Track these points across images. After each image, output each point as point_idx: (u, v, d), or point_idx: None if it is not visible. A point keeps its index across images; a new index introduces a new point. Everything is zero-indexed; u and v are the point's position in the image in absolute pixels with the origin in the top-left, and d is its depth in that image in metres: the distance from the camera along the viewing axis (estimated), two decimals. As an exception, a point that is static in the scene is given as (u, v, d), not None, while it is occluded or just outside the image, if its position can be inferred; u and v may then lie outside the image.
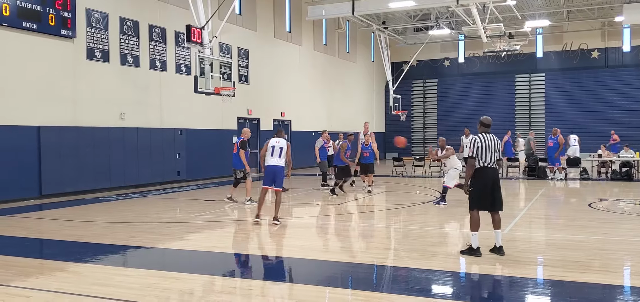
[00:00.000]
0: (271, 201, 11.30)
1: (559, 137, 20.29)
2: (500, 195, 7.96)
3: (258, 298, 6.09)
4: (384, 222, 11.58)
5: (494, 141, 7.90)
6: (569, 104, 34.72)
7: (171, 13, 20.01)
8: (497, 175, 8.03)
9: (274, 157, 10.60)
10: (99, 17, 17.22)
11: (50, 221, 11.85)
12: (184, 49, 20.50)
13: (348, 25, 34.04)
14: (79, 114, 16.66)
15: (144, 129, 18.72)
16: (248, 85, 24.44)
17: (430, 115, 39.26)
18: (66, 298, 6.04)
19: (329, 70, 32.01)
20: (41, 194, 15.42)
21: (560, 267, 7.25)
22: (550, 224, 11.68)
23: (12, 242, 9.58)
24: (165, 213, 12.88)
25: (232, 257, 8.51)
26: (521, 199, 15.49)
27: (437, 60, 38.38)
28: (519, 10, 28.93)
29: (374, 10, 26.45)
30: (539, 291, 6.52)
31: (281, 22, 27.32)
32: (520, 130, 36.00)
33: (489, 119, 8.05)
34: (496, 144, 7.93)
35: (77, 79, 16.60)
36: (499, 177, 8.08)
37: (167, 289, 6.42)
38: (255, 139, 24.24)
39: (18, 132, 14.87)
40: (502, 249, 7.81)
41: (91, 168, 16.80)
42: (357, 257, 8.18)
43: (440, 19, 30.73)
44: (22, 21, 14.83)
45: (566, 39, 34.64)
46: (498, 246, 7.84)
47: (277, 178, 10.63)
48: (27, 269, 7.45)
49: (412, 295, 6.11)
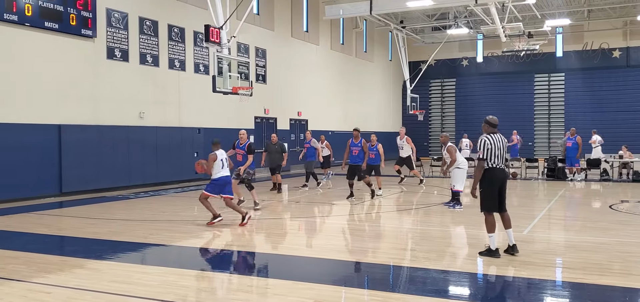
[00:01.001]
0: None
1: (577, 137, 20.06)
2: (505, 195, 7.95)
3: (274, 297, 6.10)
4: (400, 222, 11.54)
5: (502, 141, 7.85)
6: (589, 104, 34.28)
7: (190, 13, 20.15)
8: (506, 175, 7.99)
9: (224, 169, 10.61)
10: (119, 17, 17.40)
11: (71, 219, 12.00)
12: (203, 49, 20.64)
13: (365, 24, 33.98)
14: (99, 113, 16.84)
15: (163, 128, 18.88)
16: (265, 85, 24.52)
17: (448, 115, 39.05)
18: (86, 295, 6.12)
19: (345, 69, 31.98)
20: (61, 192, 15.62)
21: (580, 269, 7.17)
22: (569, 225, 11.55)
23: (33, 239, 9.72)
24: (183, 211, 12.97)
25: (249, 256, 8.54)
26: (540, 200, 15.34)
27: (455, 60, 38.15)
28: (538, 9, 28.64)
29: (392, 9, 26.37)
30: (558, 293, 6.45)
31: (298, 22, 27.36)
32: (538, 130, 35.76)
33: (495, 118, 7.95)
34: (504, 144, 7.87)
35: (97, 78, 16.78)
36: (506, 178, 8.03)
37: (184, 287, 6.46)
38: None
39: (40, 131, 15.08)
40: (515, 247, 7.76)
41: (111, 166, 16.98)
42: (374, 258, 8.16)
43: (458, 18, 30.53)
44: (44, 21, 15.04)
45: (587, 38, 34.21)
46: (511, 245, 7.80)
47: (227, 188, 10.63)
48: (47, 265, 7.55)
49: (430, 296, 6.08)
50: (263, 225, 11.09)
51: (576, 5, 30.35)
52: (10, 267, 7.40)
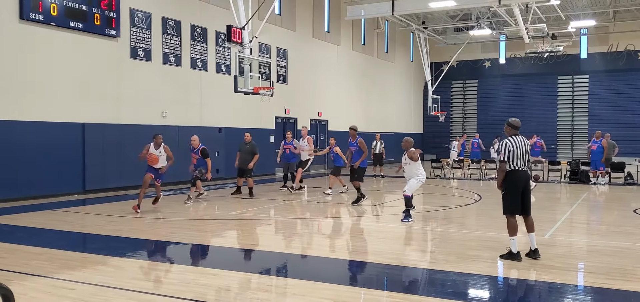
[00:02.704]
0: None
1: (602, 140, 19.76)
2: (529, 198, 7.89)
3: (293, 297, 6.12)
4: (422, 224, 11.48)
5: (524, 143, 7.81)
6: (614, 107, 33.70)
7: (212, 13, 20.30)
8: (529, 178, 7.95)
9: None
10: (142, 16, 17.60)
11: (93, 216, 12.17)
12: (224, 49, 20.77)
13: (387, 25, 33.88)
14: (122, 112, 17.05)
15: (185, 127, 19.04)
16: (286, 85, 24.59)
17: (469, 117, 38.75)
18: (108, 291, 6.20)
19: (366, 70, 31.92)
20: (85, 189, 15.85)
21: (603, 274, 7.07)
22: (592, 229, 11.39)
23: (57, 235, 9.88)
24: (204, 210, 13.08)
25: (269, 255, 8.58)
26: (563, 204, 15.15)
27: (478, 61, 37.84)
28: (562, 11, 28.26)
29: (414, 10, 26.25)
30: (580, 298, 6.37)
31: (320, 22, 27.38)
32: (561, 133, 35.28)
33: (518, 120, 7.94)
34: (526, 146, 7.82)
35: (121, 78, 17.00)
36: (529, 180, 7.98)
37: (204, 285, 6.52)
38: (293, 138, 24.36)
39: (64, 129, 15.32)
40: (537, 251, 7.69)
41: (133, 165, 17.12)
42: (393, 259, 8.14)
43: (481, 19, 30.30)
44: (69, 21, 15.27)
45: (612, 40, 33.66)
46: (533, 249, 7.73)
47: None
48: (71, 262, 7.68)
49: (449, 298, 6.05)
50: (281, 225, 11.13)
51: (602, 6, 29.90)
52: (35, 263, 7.54)
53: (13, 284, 6.28)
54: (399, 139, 16.36)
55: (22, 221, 11.22)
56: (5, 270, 7.09)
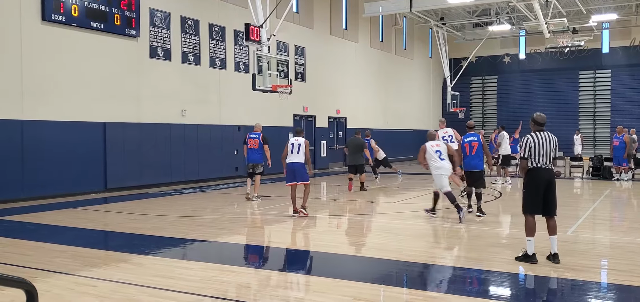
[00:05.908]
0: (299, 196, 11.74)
1: (624, 136, 19.46)
2: (553, 198, 7.39)
3: (314, 294, 6.13)
4: (442, 221, 11.41)
5: (550, 140, 7.36)
6: (637, 102, 33.18)
7: (230, 12, 20.39)
8: (553, 176, 7.46)
9: (293, 154, 11.24)
10: (162, 16, 17.73)
11: (115, 214, 12.30)
12: (243, 48, 20.85)
13: (405, 21, 33.72)
14: (142, 111, 17.21)
15: (204, 126, 19.16)
16: (304, 83, 24.60)
17: (489, 113, 38.42)
18: (130, 288, 6.26)
19: (385, 67, 31.80)
20: (106, 188, 16.03)
21: (627, 271, 6.96)
22: (616, 226, 11.22)
23: (79, 233, 10.01)
24: (223, 208, 13.15)
25: (288, 253, 8.60)
26: (585, 200, 14.95)
27: (497, 57, 37.51)
28: (584, 5, 27.86)
29: (432, 6, 26.11)
30: (603, 295, 6.28)
31: (338, 20, 27.34)
32: (583, 129, 34.79)
33: (543, 116, 7.52)
34: (553, 143, 7.38)
35: (141, 77, 17.15)
36: (554, 179, 7.51)
37: (224, 282, 6.55)
38: (311, 135, 24.46)
39: (86, 128, 15.51)
40: (557, 256, 7.23)
41: (153, 163, 17.34)
42: (413, 256, 8.10)
43: (500, 14, 30.02)
44: (89, 21, 15.45)
45: (634, 34, 33.12)
46: (553, 254, 7.27)
47: (298, 173, 11.24)
48: (93, 259, 7.77)
49: (470, 296, 6.00)
50: (302, 223, 11.14)
51: (623, -1, 29.43)
52: (58, 260, 7.64)
53: (37, 281, 6.37)
54: (419, 136, 16.30)
55: (46, 219, 11.39)
56: (30, 267, 7.20)
